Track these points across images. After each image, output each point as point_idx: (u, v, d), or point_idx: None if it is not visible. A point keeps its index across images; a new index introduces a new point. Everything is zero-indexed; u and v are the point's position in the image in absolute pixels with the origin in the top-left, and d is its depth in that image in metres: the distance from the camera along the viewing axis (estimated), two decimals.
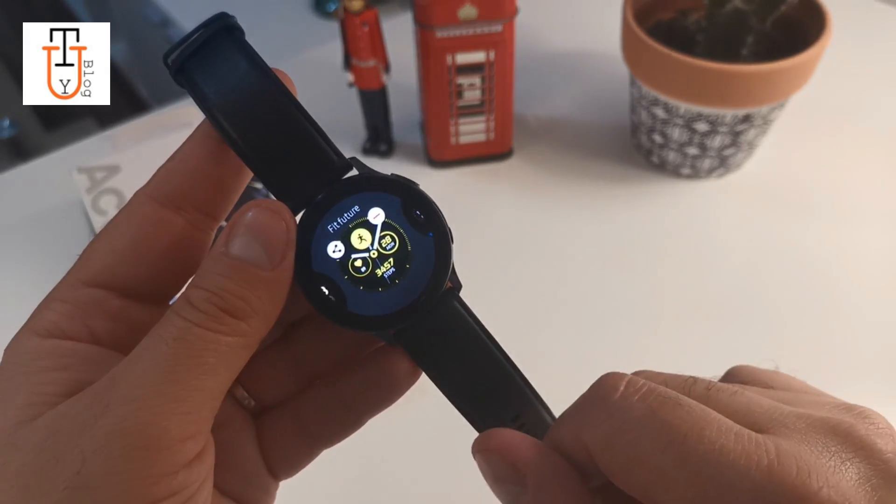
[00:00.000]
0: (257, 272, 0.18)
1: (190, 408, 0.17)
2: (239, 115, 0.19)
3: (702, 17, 0.54)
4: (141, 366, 0.17)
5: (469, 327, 0.21)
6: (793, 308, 0.50)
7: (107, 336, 0.19)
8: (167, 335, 0.17)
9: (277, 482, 0.23)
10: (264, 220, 0.18)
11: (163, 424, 0.16)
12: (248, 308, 0.18)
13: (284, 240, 0.18)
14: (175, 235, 0.19)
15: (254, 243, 0.18)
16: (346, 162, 0.20)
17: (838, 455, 0.16)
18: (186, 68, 0.19)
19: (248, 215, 0.18)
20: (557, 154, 0.62)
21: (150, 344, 0.17)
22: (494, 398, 0.21)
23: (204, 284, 0.18)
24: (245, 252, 0.18)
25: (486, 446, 0.20)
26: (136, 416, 0.16)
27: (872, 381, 0.46)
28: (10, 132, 1.14)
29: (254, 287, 0.18)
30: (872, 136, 0.63)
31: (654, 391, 0.17)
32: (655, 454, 0.16)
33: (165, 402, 0.16)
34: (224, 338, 0.17)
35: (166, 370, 0.17)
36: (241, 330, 0.18)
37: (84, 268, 0.19)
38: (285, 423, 0.22)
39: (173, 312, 0.18)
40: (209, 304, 0.17)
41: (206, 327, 0.17)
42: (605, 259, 0.54)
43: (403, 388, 0.22)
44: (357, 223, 0.19)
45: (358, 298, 0.19)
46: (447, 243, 0.20)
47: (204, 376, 0.17)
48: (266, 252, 0.18)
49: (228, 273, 0.18)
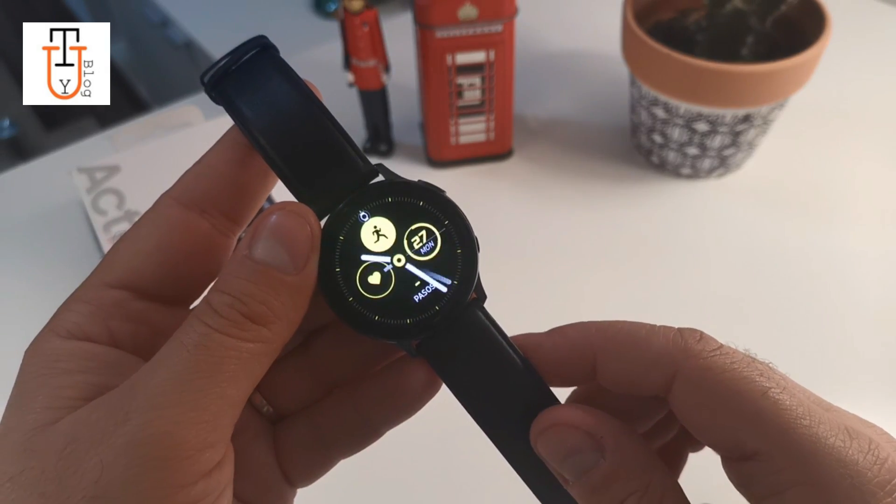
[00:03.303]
0: (281, 277, 0.18)
1: (210, 416, 0.17)
2: (268, 124, 0.19)
3: (702, 17, 0.54)
4: (161, 373, 0.17)
5: (494, 340, 0.20)
6: (793, 307, 0.50)
7: (127, 338, 0.19)
8: (188, 341, 0.17)
9: (294, 490, 0.22)
10: (289, 223, 0.18)
11: (182, 434, 0.16)
12: (271, 314, 0.17)
13: (309, 244, 0.18)
14: (199, 239, 0.19)
15: (278, 247, 0.18)
16: (372, 168, 0.20)
17: None
18: (221, 84, 0.19)
19: (272, 219, 0.18)
20: (557, 154, 0.62)
21: (171, 350, 0.17)
22: (521, 419, 0.20)
23: (227, 289, 0.17)
24: (269, 256, 0.18)
25: (557, 420, 0.19)
26: (155, 426, 0.16)
27: (873, 380, 0.46)
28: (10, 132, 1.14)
29: (277, 292, 0.18)
30: (872, 135, 0.63)
31: (738, 350, 0.18)
32: (756, 398, 0.17)
33: (185, 410, 0.16)
34: (246, 344, 0.17)
35: (186, 378, 0.16)
36: (263, 336, 0.17)
37: (107, 269, 0.19)
38: (302, 432, 0.22)
39: (195, 317, 0.17)
40: (231, 310, 0.17)
41: (228, 333, 0.17)
42: (605, 259, 0.54)
43: (421, 401, 0.21)
44: (381, 229, 0.19)
45: (381, 306, 0.19)
46: (473, 253, 0.20)
47: (225, 384, 0.17)
48: (290, 256, 0.18)
49: (252, 277, 0.17)
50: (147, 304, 0.19)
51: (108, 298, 0.19)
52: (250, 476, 0.21)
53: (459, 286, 0.19)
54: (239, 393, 0.17)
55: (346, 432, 0.22)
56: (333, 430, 0.22)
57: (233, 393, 0.17)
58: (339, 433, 0.22)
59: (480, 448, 0.21)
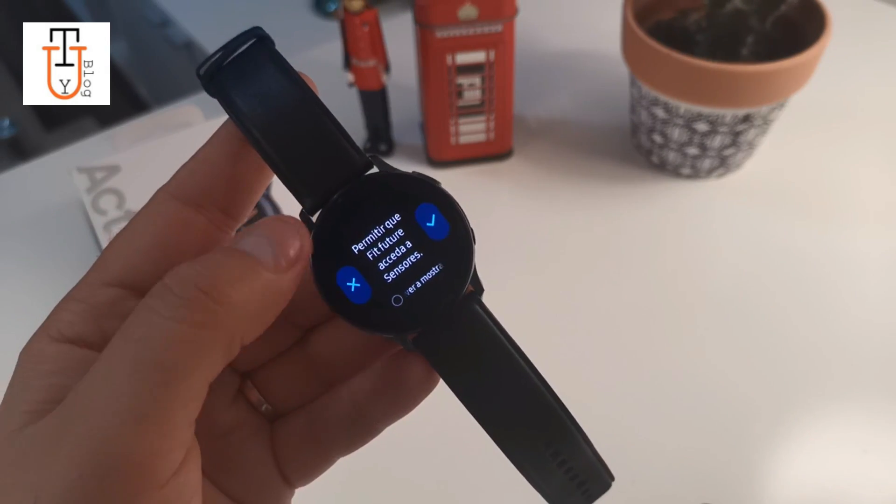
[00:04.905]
0: (258, 267, 0.17)
1: (156, 422, 0.15)
2: (262, 116, 0.19)
3: (702, 17, 0.54)
4: (101, 377, 0.15)
5: (490, 333, 0.20)
6: (794, 307, 0.50)
7: None
8: (131, 335, 0.16)
9: (292, 490, 0.22)
10: (282, 228, 0.18)
11: (125, 446, 0.15)
12: (236, 297, 0.16)
13: (297, 252, 0.18)
14: (196, 234, 0.19)
15: (264, 243, 0.17)
16: (367, 160, 0.19)
17: None
18: (216, 77, 0.19)
19: (267, 221, 0.18)
20: (557, 154, 0.62)
21: (114, 348, 0.16)
22: (524, 418, 0.19)
23: (194, 264, 0.16)
24: (252, 248, 0.17)
25: None
26: (95, 440, 0.15)
27: (874, 380, 0.46)
28: (10, 132, 1.13)
29: (249, 279, 0.17)
30: (873, 135, 0.63)
31: None
32: None
33: (127, 419, 0.15)
34: (197, 332, 0.16)
35: (128, 380, 0.15)
36: (217, 320, 0.16)
37: (104, 267, 0.19)
38: (300, 429, 0.22)
39: (143, 304, 0.16)
40: (189, 287, 0.16)
41: (176, 317, 0.15)
42: (605, 259, 0.54)
43: (418, 396, 0.21)
44: (376, 222, 0.19)
45: (375, 298, 0.19)
46: (469, 245, 0.19)
47: (173, 384, 0.15)
48: (273, 253, 0.17)
49: (226, 257, 0.17)
50: None
51: (102, 297, 0.18)
52: (245, 474, 0.21)
53: (455, 279, 0.19)
54: (190, 390, 0.16)
55: (344, 429, 0.21)
56: (331, 426, 0.21)
57: (182, 391, 0.16)
58: (337, 430, 0.21)
59: (478, 443, 0.21)
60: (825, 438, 0.43)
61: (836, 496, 0.41)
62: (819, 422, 0.44)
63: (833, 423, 0.44)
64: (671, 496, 0.41)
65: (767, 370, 0.46)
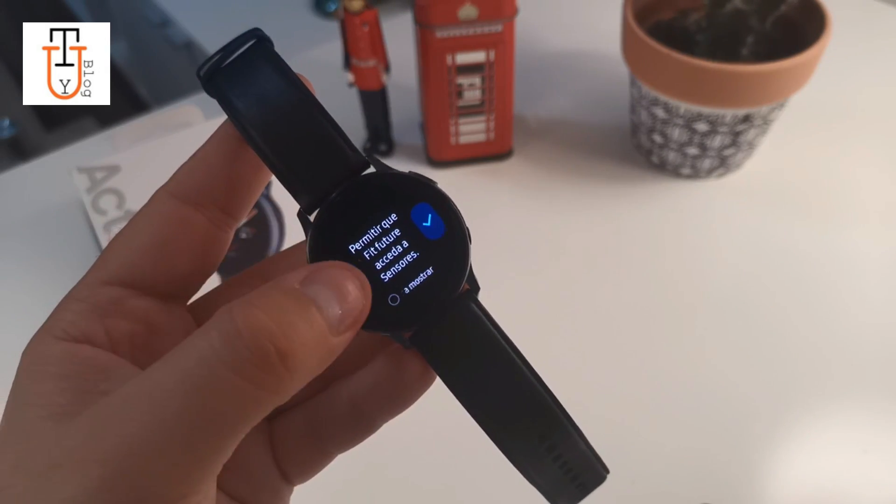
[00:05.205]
0: (327, 332, 0.16)
1: (189, 470, 0.15)
2: (259, 116, 0.19)
3: (702, 17, 0.54)
4: (145, 401, 0.15)
5: (486, 331, 0.20)
6: (794, 307, 0.50)
7: (123, 337, 0.19)
8: (189, 370, 0.15)
9: (291, 487, 0.22)
10: (353, 287, 0.17)
11: (152, 483, 0.14)
12: (306, 365, 0.15)
13: (359, 314, 0.17)
14: (196, 232, 0.19)
15: (333, 302, 0.16)
16: (363, 159, 0.20)
17: None
18: (215, 78, 0.19)
19: (337, 272, 0.17)
20: (557, 154, 0.62)
21: (166, 376, 0.15)
22: (518, 413, 0.20)
23: (266, 310, 0.15)
24: (324, 303, 0.16)
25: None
26: (124, 465, 0.14)
27: (875, 380, 0.46)
28: (10, 132, 1.13)
29: (319, 345, 0.16)
30: (872, 136, 0.63)
31: None
32: None
33: (163, 458, 0.14)
34: (261, 394, 0.15)
35: (173, 419, 0.14)
36: (281, 384, 0.15)
37: (104, 266, 0.19)
38: (298, 426, 0.22)
39: (206, 338, 0.15)
40: (264, 343, 0.15)
41: (245, 375, 0.14)
42: (605, 259, 0.54)
43: (416, 393, 0.21)
44: (372, 220, 0.19)
45: (372, 297, 0.19)
46: (465, 244, 0.19)
47: (218, 438, 0.15)
48: (340, 314, 0.16)
49: (299, 310, 0.15)
50: (143, 302, 0.19)
51: (103, 296, 0.18)
52: (244, 472, 0.21)
53: (451, 278, 0.19)
54: (231, 446, 0.15)
55: (342, 425, 0.21)
56: (329, 423, 0.21)
57: (224, 447, 0.15)
58: (335, 427, 0.21)
59: (476, 441, 0.21)
60: (825, 438, 0.43)
61: (836, 496, 0.41)
62: (819, 422, 0.44)
63: (833, 423, 0.44)
64: (671, 496, 0.41)
65: (767, 370, 0.46)
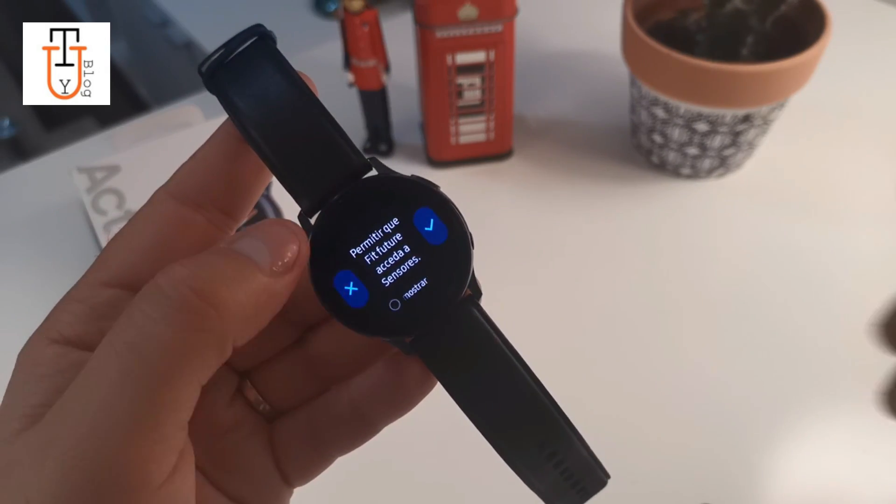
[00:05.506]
0: (254, 270, 0.17)
1: (148, 429, 0.15)
2: (260, 116, 0.18)
3: (702, 17, 0.54)
4: (91, 383, 0.15)
5: (488, 337, 0.19)
6: (794, 307, 0.50)
7: None
8: (119, 340, 0.15)
9: (291, 489, 0.22)
10: (280, 231, 0.17)
11: (117, 454, 0.15)
12: (229, 299, 0.16)
13: (293, 256, 0.17)
14: (196, 233, 0.19)
15: (261, 245, 0.17)
16: (366, 162, 0.19)
17: None
18: (217, 75, 0.19)
19: (264, 224, 0.17)
20: (557, 154, 0.62)
21: (103, 352, 0.15)
22: (518, 420, 0.19)
23: (186, 264, 0.16)
24: (248, 250, 0.17)
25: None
26: (84, 449, 0.14)
27: (874, 381, 0.46)
28: (10, 132, 1.13)
29: (243, 281, 0.16)
30: (872, 135, 0.63)
31: None
32: None
33: (119, 425, 0.15)
34: (189, 335, 0.15)
35: (118, 386, 0.15)
36: (209, 323, 0.15)
37: (103, 267, 0.19)
38: (299, 429, 0.22)
39: (133, 304, 0.16)
40: (181, 287, 0.15)
41: (168, 321, 0.15)
42: (605, 259, 0.54)
43: (417, 397, 0.21)
44: (374, 225, 0.19)
45: (373, 302, 0.19)
46: (468, 250, 0.19)
47: (164, 388, 0.15)
48: (271, 256, 0.17)
49: (220, 257, 0.16)
50: None
51: (101, 297, 0.18)
52: (244, 474, 0.21)
53: (453, 284, 0.19)
54: (181, 395, 0.15)
55: (342, 428, 0.21)
56: (329, 426, 0.21)
57: (174, 396, 0.15)
58: (335, 429, 0.21)
59: (477, 446, 0.21)
60: (825, 438, 0.43)
61: (836, 496, 0.41)
62: (819, 422, 0.44)
63: (833, 423, 0.44)
64: (671, 496, 0.41)
65: (767, 370, 0.46)
